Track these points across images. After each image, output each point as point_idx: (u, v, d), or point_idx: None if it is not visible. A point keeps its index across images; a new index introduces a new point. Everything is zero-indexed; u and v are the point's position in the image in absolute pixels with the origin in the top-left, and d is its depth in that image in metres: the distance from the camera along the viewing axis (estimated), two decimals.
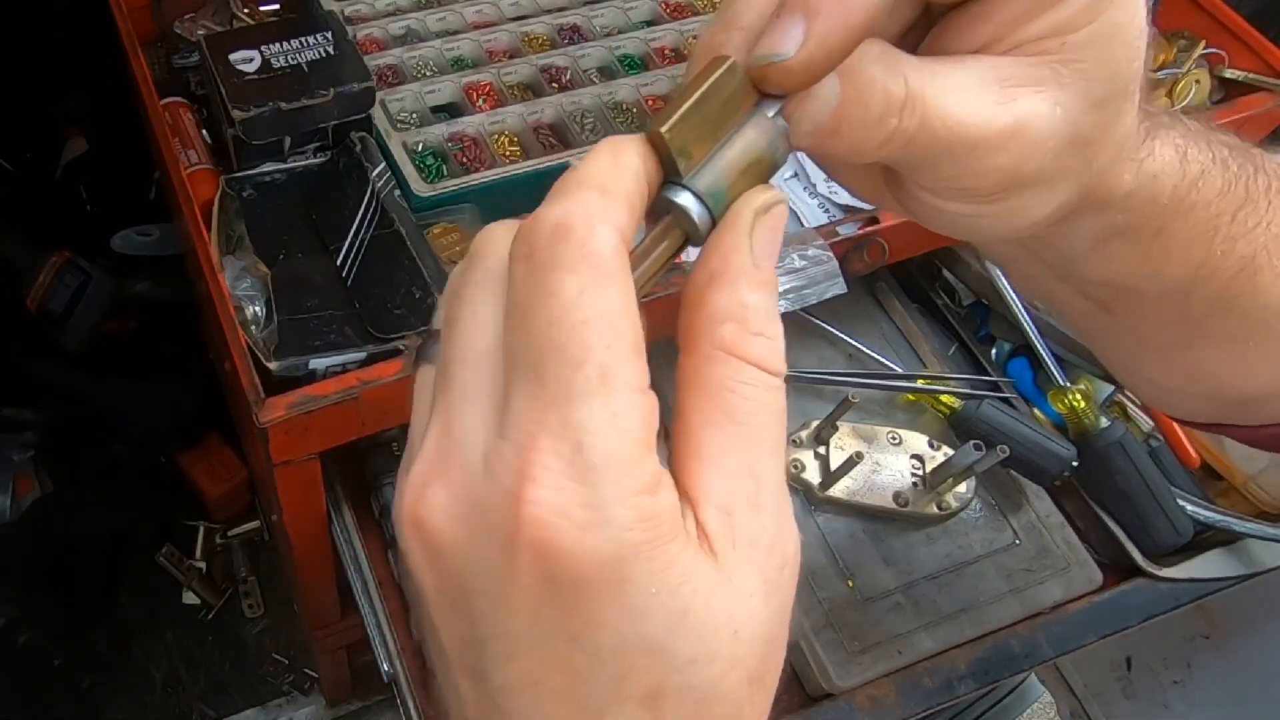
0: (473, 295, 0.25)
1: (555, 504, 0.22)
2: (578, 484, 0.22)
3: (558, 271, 0.23)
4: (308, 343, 0.69)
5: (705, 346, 0.25)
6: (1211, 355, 0.40)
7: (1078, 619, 0.77)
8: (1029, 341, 0.85)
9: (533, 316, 0.23)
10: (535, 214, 0.24)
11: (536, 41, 0.91)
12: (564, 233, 0.23)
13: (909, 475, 0.78)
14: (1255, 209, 0.35)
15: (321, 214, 0.76)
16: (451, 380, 0.25)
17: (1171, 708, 1.38)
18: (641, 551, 0.23)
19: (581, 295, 0.23)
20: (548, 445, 0.22)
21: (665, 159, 0.25)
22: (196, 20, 0.88)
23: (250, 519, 1.47)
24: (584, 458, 0.22)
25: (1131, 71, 0.29)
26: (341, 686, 1.32)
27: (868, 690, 0.72)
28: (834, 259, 0.76)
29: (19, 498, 1.33)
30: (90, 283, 1.28)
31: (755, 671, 0.25)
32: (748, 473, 0.25)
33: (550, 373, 0.23)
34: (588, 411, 0.22)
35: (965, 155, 0.29)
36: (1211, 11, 0.92)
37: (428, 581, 0.25)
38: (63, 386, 1.33)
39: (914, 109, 0.27)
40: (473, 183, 0.77)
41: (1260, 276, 0.36)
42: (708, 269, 0.25)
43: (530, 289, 0.23)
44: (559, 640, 0.23)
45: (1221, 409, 0.44)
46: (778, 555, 0.25)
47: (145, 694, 1.38)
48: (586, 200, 0.24)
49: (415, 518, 0.24)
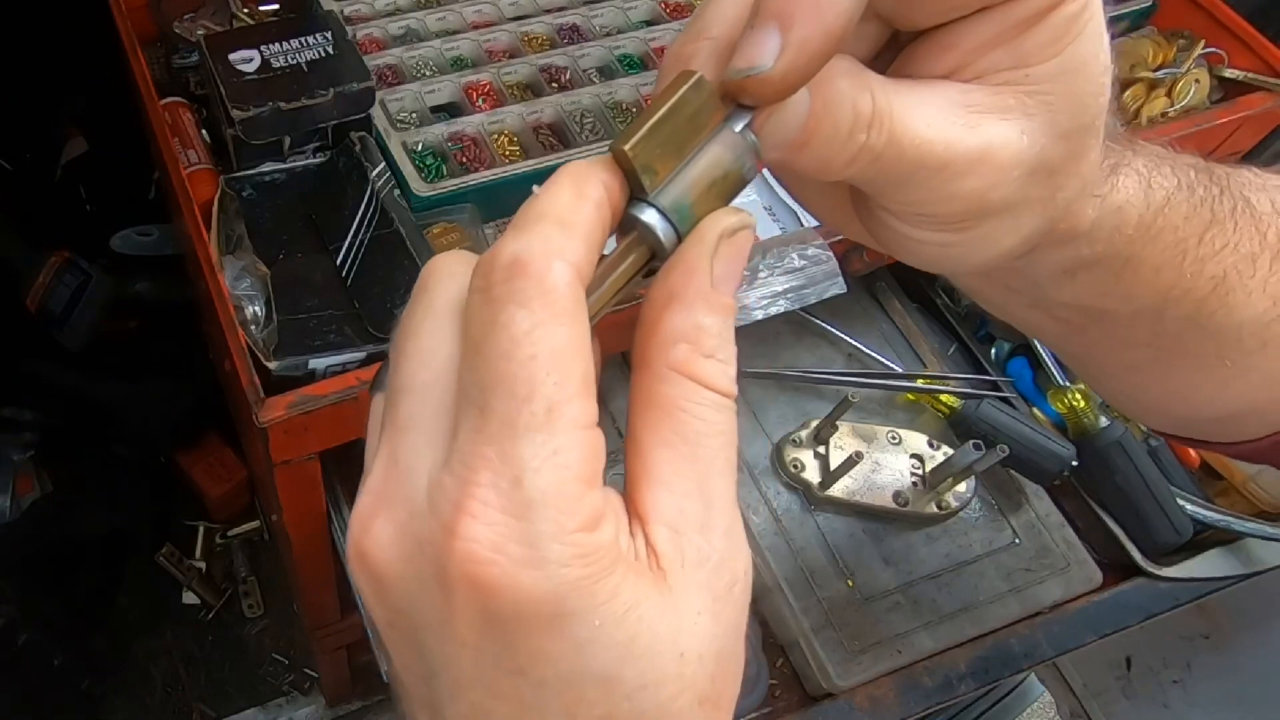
0: (419, 326, 0.25)
1: (490, 540, 0.22)
2: (514, 519, 0.22)
3: (510, 306, 0.23)
4: (307, 342, 0.69)
5: (658, 365, 0.25)
6: (1187, 375, 0.40)
7: (1077, 619, 0.77)
8: (1029, 341, 0.85)
9: (483, 349, 0.23)
10: (495, 247, 0.24)
11: (536, 41, 0.91)
12: (519, 269, 0.23)
13: (909, 475, 0.78)
14: (1222, 230, 0.35)
15: (321, 214, 0.76)
16: (398, 410, 0.25)
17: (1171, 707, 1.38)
18: (581, 587, 0.23)
19: (533, 331, 0.23)
20: (487, 479, 0.22)
21: (630, 175, 0.25)
22: (196, 20, 0.88)
23: (250, 519, 1.47)
24: (522, 493, 0.22)
25: (1096, 106, 0.29)
26: (341, 686, 1.32)
27: (868, 690, 0.72)
28: (834, 258, 0.76)
29: (19, 498, 1.33)
30: (90, 283, 1.28)
31: (706, 692, 0.24)
32: (697, 492, 0.25)
33: (496, 406, 0.23)
34: (530, 447, 0.22)
35: (932, 177, 0.28)
36: (1211, 11, 0.92)
37: (378, 614, 0.25)
38: (63, 386, 1.33)
39: (881, 125, 0.27)
40: (472, 182, 0.77)
41: (1232, 297, 0.36)
42: (666, 288, 0.25)
43: (483, 322, 0.23)
44: (504, 674, 0.23)
45: (1202, 427, 0.44)
46: (726, 574, 0.25)
47: (145, 694, 1.38)
48: (545, 235, 0.24)
49: (360, 551, 0.24)
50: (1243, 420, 0.42)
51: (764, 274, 0.75)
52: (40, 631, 1.29)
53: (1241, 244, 0.36)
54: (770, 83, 0.25)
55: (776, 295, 0.75)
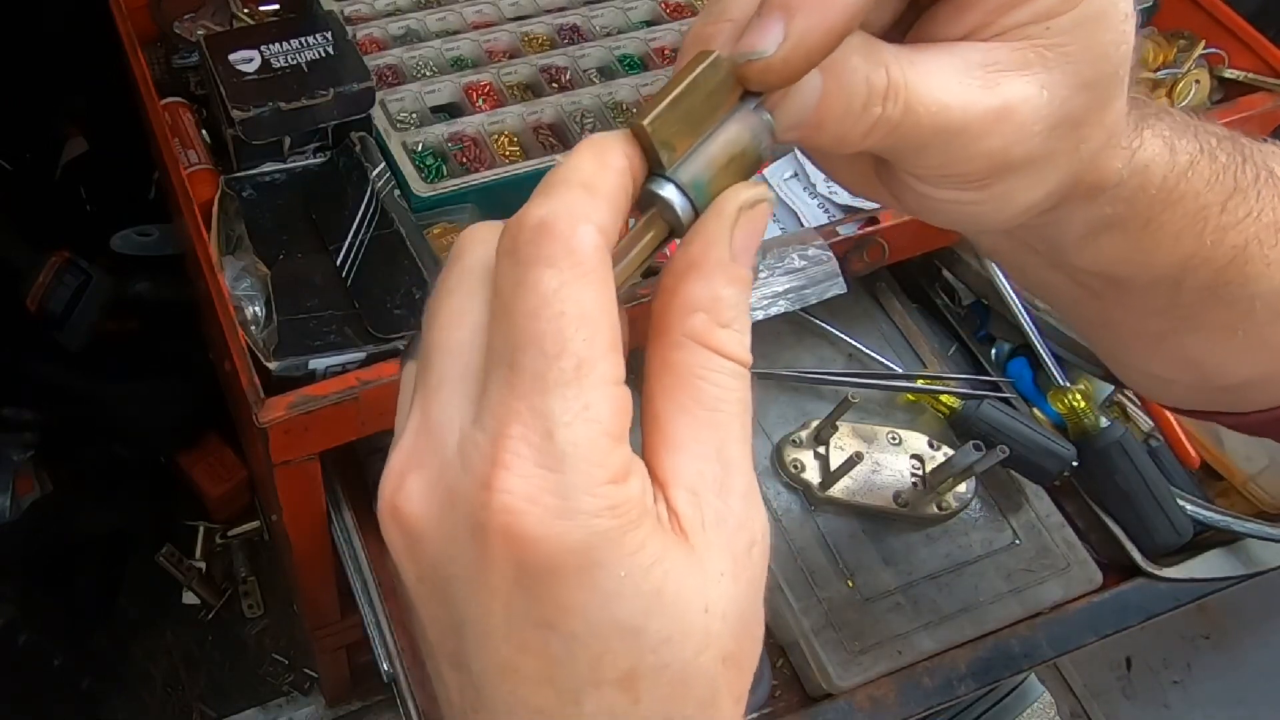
0: (453, 289, 0.26)
1: (524, 491, 0.23)
2: (547, 471, 0.23)
3: (538, 266, 0.23)
4: (307, 343, 0.69)
5: (675, 334, 0.26)
6: (1201, 343, 0.40)
7: (1078, 619, 0.77)
8: (1029, 341, 0.85)
9: (513, 309, 0.24)
10: (521, 211, 0.24)
11: (536, 41, 0.91)
12: (547, 230, 0.24)
13: (909, 475, 0.78)
14: (1245, 199, 0.35)
15: (321, 214, 0.76)
16: (430, 370, 0.25)
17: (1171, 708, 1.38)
18: (610, 537, 0.23)
19: (560, 289, 0.23)
20: (519, 433, 0.23)
21: (649, 152, 0.26)
22: (196, 20, 0.88)
23: (250, 519, 1.47)
24: (554, 446, 0.23)
25: (1119, 55, 0.29)
26: (341, 686, 1.32)
27: (868, 690, 0.72)
28: (834, 259, 0.76)
29: (19, 498, 1.33)
30: (90, 283, 1.28)
31: (729, 650, 0.25)
32: (715, 457, 0.25)
33: (526, 363, 0.23)
34: (560, 402, 0.23)
35: (952, 140, 0.29)
36: (1211, 11, 0.92)
37: (408, 570, 0.25)
38: (63, 386, 1.33)
39: (897, 96, 0.28)
40: (473, 183, 0.77)
41: (1250, 266, 0.36)
42: (686, 258, 0.26)
43: (512, 283, 0.24)
44: (533, 626, 0.24)
45: (1211, 396, 0.44)
46: (745, 535, 0.25)
47: (145, 694, 1.37)
48: (571, 199, 0.24)
49: (393, 507, 0.25)
50: (1252, 390, 0.42)
51: (764, 274, 0.75)
52: (40, 631, 1.29)
53: (1264, 213, 0.36)
54: (771, 69, 0.26)
55: (777, 295, 0.75)
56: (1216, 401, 0.44)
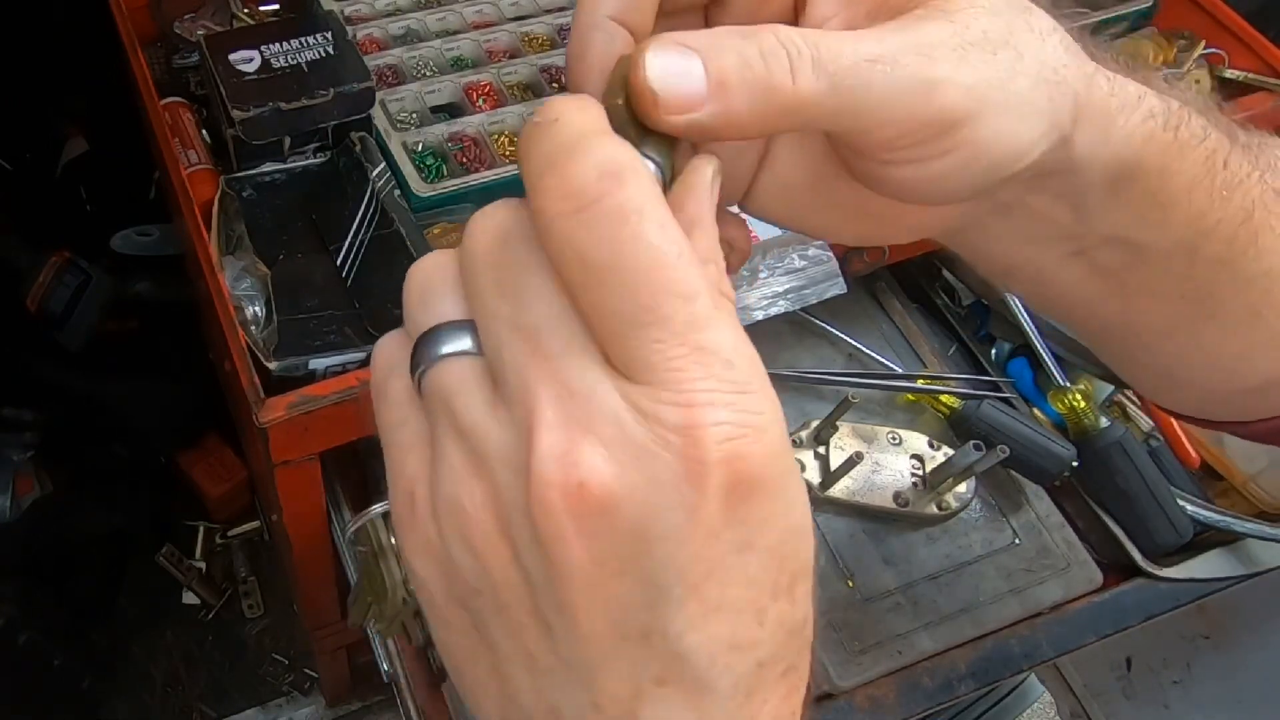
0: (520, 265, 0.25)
1: (735, 418, 0.23)
2: (742, 395, 0.23)
3: (631, 214, 0.23)
4: (308, 343, 0.69)
5: None
6: (1221, 335, 0.39)
7: (1078, 619, 0.77)
8: (1029, 341, 0.85)
9: (624, 263, 0.23)
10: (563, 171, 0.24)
11: (536, 41, 0.91)
12: (615, 178, 0.23)
13: (909, 475, 0.78)
14: (1247, 154, 0.36)
15: (321, 214, 0.76)
16: (549, 346, 0.24)
17: (1171, 708, 1.38)
18: (787, 444, 0.25)
19: (664, 232, 0.24)
20: (700, 373, 0.23)
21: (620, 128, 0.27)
22: (196, 20, 0.88)
23: (250, 519, 1.47)
24: (735, 373, 0.24)
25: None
26: (341, 686, 1.32)
27: (868, 690, 0.72)
28: (834, 259, 0.76)
29: (19, 498, 1.33)
30: (90, 283, 1.28)
31: None
32: None
33: (672, 310, 0.23)
34: (720, 334, 0.24)
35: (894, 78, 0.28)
36: (1211, 11, 0.92)
37: (579, 559, 0.24)
38: (63, 386, 1.33)
39: (795, 40, 0.27)
40: (473, 183, 0.77)
41: (1262, 237, 0.36)
42: (686, 215, 0.27)
43: (608, 239, 0.23)
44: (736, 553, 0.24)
45: (1223, 403, 0.44)
46: None
47: (145, 694, 1.38)
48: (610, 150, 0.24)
49: (576, 486, 0.23)
50: (1264, 395, 0.42)
51: (764, 274, 0.75)
52: (40, 631, 1.29)
53: (1267, 174, 0.36)
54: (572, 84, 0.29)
55: (777, 296, 0.75)
56: (1230, 409, 0.44)
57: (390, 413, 0.29)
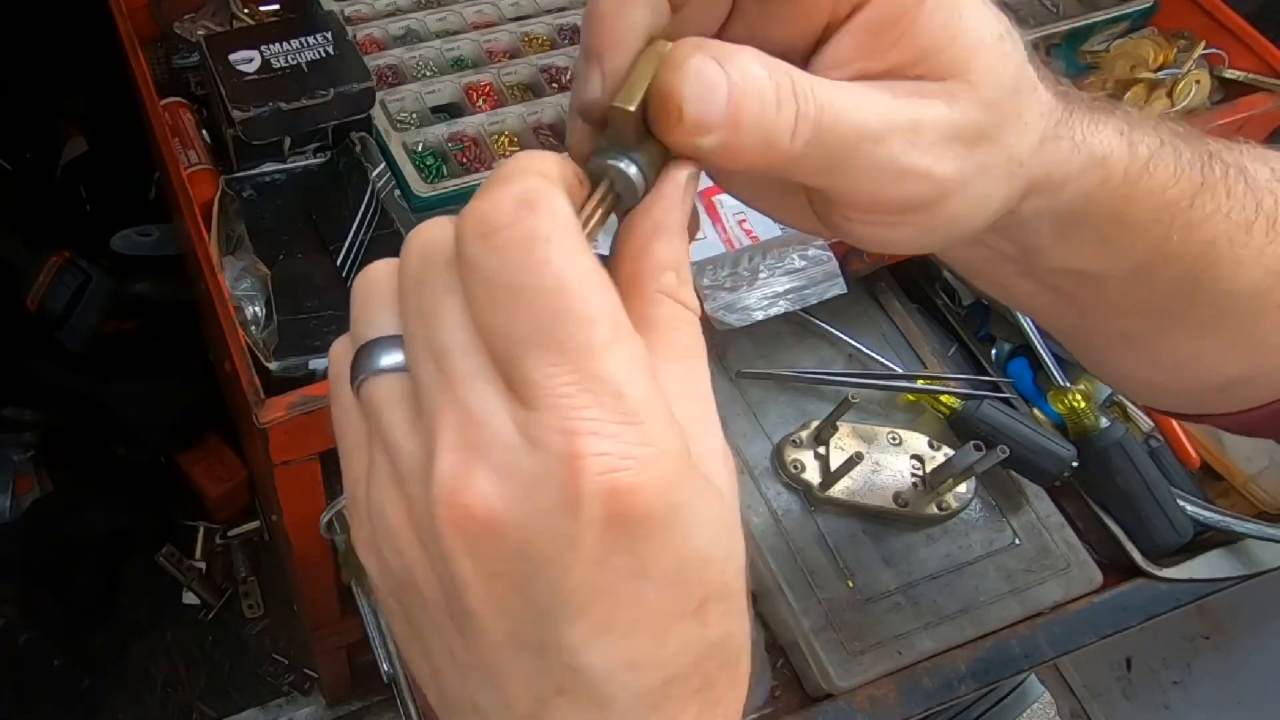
0: (436, 287, 0.26)
1: (618, 449, 0.23)
2: (631, 426, 0.24)
3: (539, 242, 0.24)
4: (308, 343, 0.69)
5: (649, 290, 0.27)
6: (1181, 342, 0.40)
7: (1078, 619, 0.77)
8: (1029, 341, 0.85)
9: (527, 288, 0.24)
10: (484, 198, 0.25)
11: (536, 41, 0.91)
12: (529, 206, 0.24)
13: (909, 475, 0.78)
14: (1213, 195, 0.35)
15: (321, 214, 0.76)
16: (453, 371, 0.25)
17: (1171, 708, 1.38)
18: (685, 473, 0.25)
19: (571, 259, 0.24)
20: (589, 400, 0.23)
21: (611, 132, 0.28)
22: (196, 20, 0.88)
23: (250, 519, 1.47)
24: (627, 402, 0.24)
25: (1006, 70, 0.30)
26: (341, 686, 1.32)
27: (868, 690, 0.72)
28: (834, 259, 0.76)
29: (19, 498, 1.33)
30: (90, 283, 1.28)
31: (742, 561, 0.27)
32: (702, 398, 0.27)
33: (566, 336, 0.24)
34: (615, 361, 0.24)
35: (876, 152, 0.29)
36: (1211, 11, 0.92)
37: (474, 573, 0.25)
38: (63, 386, 1.33)
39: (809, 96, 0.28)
40: (473, 183, 0.77)
41: (1221, 266, 0.36)
42: (650, 222, 0.28)
43: (513, 263, 0.24)
44: (626, 580, 0.24)
45: (1198, 398, 0.44)
46: (729, 463, 0.28)
47: (145, 694, 1.38)
48: (533, 181, 0.25)
49: (462, 507, 0.24)
50: (1238, 390, 0.42)
51: (764, 275, 0.75)
52: (40, 631, 1.30)
53: (1234, 211, 0.36)
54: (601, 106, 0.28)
55: (777, 296, 0.75)
56: (1208, 402, 0.44)
57: (340, 414, 0.30)
